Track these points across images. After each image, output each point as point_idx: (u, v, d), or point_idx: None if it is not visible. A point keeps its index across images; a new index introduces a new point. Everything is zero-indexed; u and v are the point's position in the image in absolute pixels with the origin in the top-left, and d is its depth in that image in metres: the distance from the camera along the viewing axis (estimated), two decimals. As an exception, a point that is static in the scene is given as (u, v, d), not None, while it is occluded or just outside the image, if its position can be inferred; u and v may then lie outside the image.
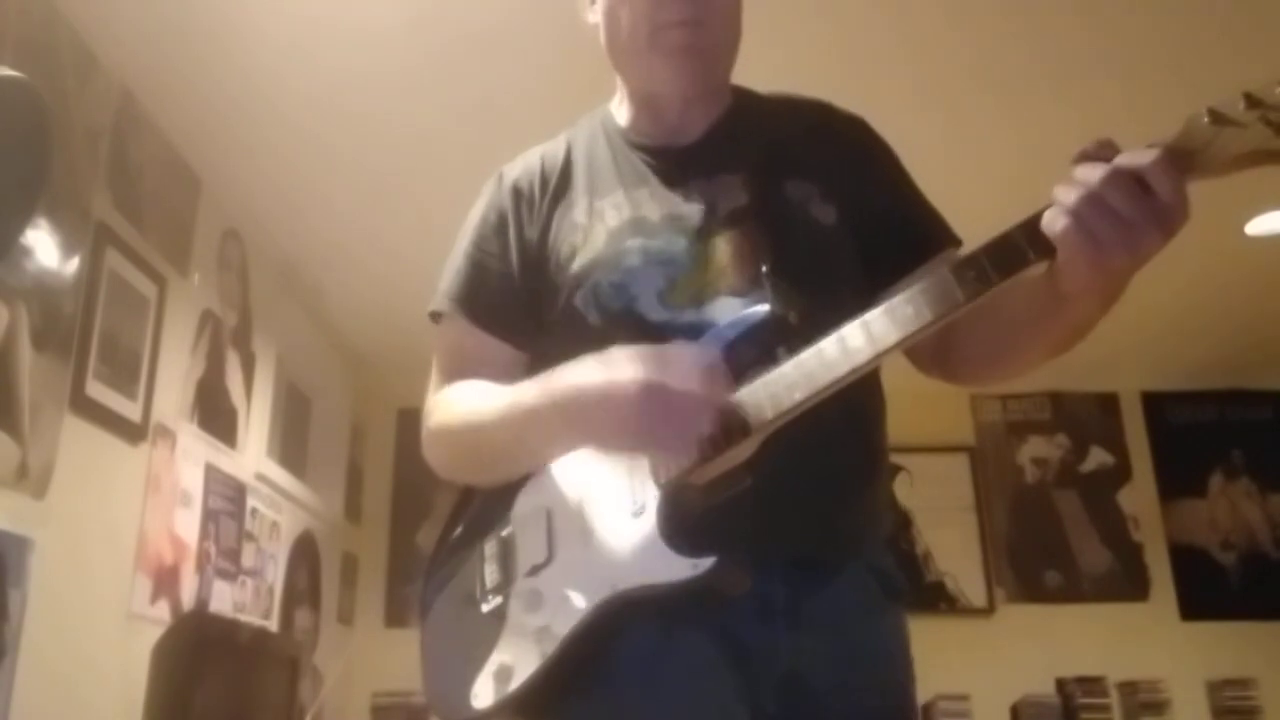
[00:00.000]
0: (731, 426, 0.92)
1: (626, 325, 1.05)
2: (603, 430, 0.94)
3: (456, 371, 1.17)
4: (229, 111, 2.63)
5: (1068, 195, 0.81)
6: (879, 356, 0.89)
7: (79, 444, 2.20)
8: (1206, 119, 0.77)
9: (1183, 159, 0.78)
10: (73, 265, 2.22)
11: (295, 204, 3.09)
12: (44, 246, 2.11)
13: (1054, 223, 0.81)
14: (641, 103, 1.21)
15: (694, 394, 0.89)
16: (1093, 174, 0.80)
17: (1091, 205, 0.79)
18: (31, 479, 2.03)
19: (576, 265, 1.11)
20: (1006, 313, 0.95)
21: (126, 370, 2.43)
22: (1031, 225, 0.84)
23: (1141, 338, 4.00)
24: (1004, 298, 0.86)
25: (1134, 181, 0.78)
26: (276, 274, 3.41)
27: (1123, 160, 0.79)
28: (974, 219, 1.14)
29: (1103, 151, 0.81)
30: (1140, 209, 0.78)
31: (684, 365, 0.91)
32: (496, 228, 1.19)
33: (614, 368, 0.92)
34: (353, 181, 2.97)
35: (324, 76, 2.50)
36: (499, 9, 2.29)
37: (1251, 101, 0.75)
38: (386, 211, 3.10)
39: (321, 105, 2.61)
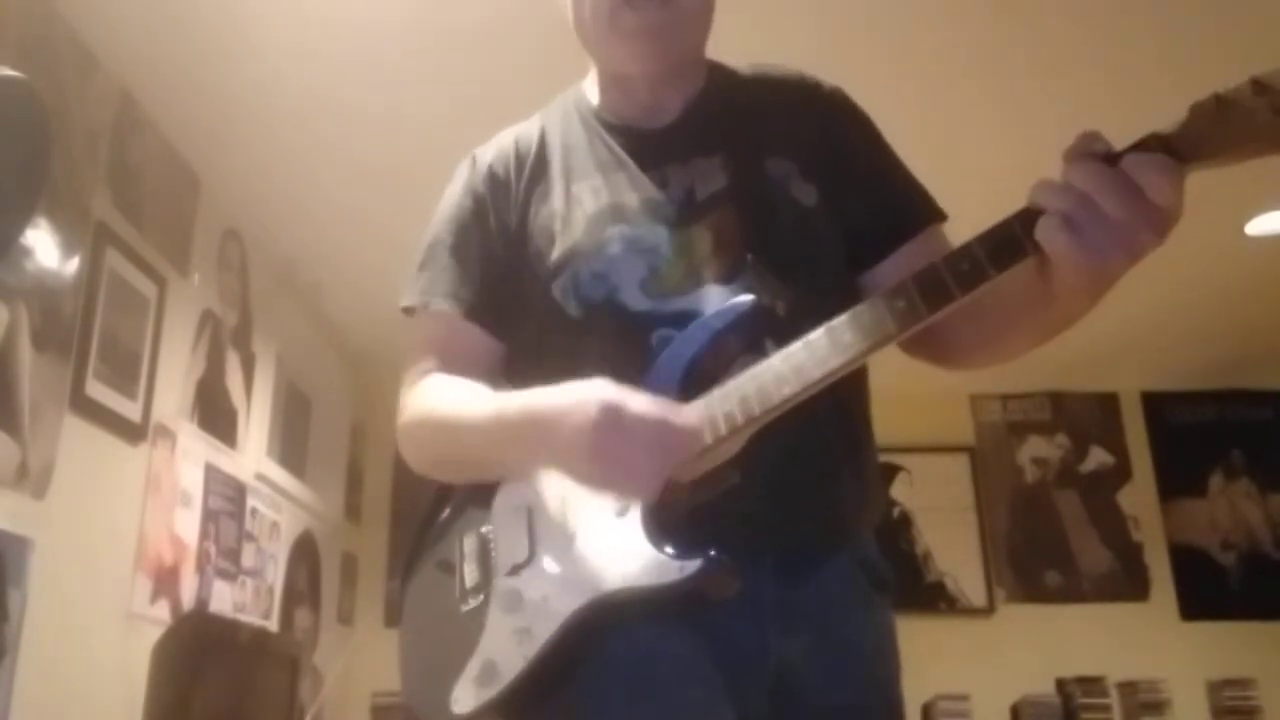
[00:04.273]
0: (716, 416, 0.90)
1: (608, 316, 1.03)
2: (556, 453, 0.92)
3: (433, 364, 1.13)
4: (229, 111, 2.63)
5: (1061, 201, 0.77)
6: (870, 351, 0.86)
7: (79, 444, 2.20)
8: (1213, 105, 0.75)
9: (1187, 148, 0.76)
10: (73, 265, 2.22)
11: (295, 204, 3.09)
12: (44, 246, 2.11)
13: (1047, 231, 0.78)
14: (612, 82, 1.17)
15: (658, 442, 0.87)
16: (1086, 179, 0.76)
17: (1084, 209, 0.76)
18: (31, 479, 2.03)
19: (555, 254, 1.07)
20: (995, 302, 0.91)
21: (126, 370, 2.43)
22: (1028, 215, 0.80)
23: (1141, 338, 4.00)
24: (994, 286, 0.83)
25: (1129, 186, 0.75)
26: (276, 274, 3.41)
27: (1122, 165, 0.76)
28: (957, 212, 1.13)
29: (1091, 145, 0.79)
30: (1135, 213, 0.76)
31: (662, 416, 0.88)
32: (472, 213, 1.15)
33: (590, 395, 0.89)
34: (353, 181, 2.97)
35: (324, 75, 2.50)
36: (501, 4, 2.29)
37: (1259, 88, 0.73)
38: (387, 211, 3.09)
39: (321, 104, 2.61)
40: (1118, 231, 0.76)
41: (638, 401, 0.88)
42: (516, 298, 1.11)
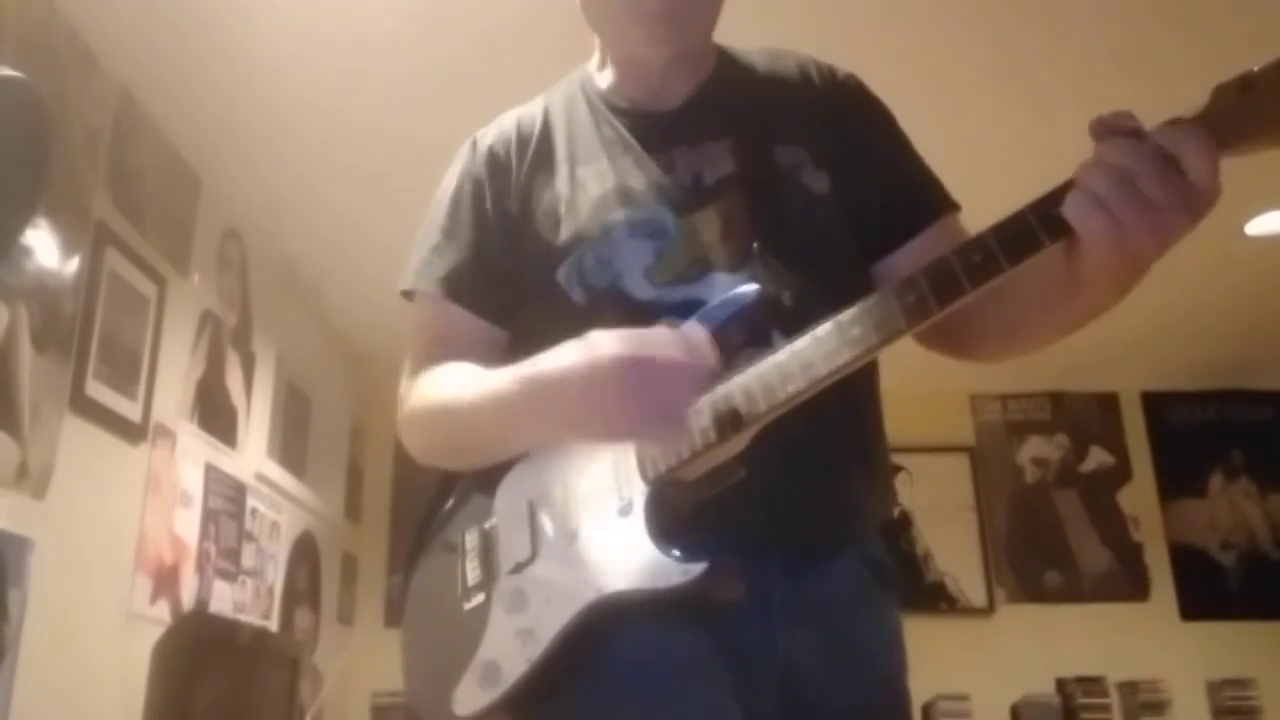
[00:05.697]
0: (721, 412, 0.87)
1: (612, 304, 1.01)
2: (585, 415, 0.86)
3: (434, 352, 1.10)
4: (229, 111, 2.63)
5: (1096, 179, 0.74)
6: (879, 347, 0.84)
7: (79, 444, 2.20)
8: (1237, 87, 0.72)
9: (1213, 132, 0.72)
10: (73, 265, 2.22)
11: (295, 204, 3.09)
12: (44, 246, 2.11)
13: (1077, 206, 0.75)
14: (621, 65, 1.15)
15: (679, 363, 0.84)
16: (1124, 155, 0.73)
17: (1121, 189, 0.73)
18: (31, 479, 2.03)
19: (558, 238, 1.05)
20: (1017, 292, 0.88)
21: (126, 370, 2.43)
22: (1044, 206, 0.77)
23: (1141, 338, 4.00)
24: (1008, 279, 0.80)
25: (1167, 162, 0.72)
26: (276, 274, 3.41)
27: (1158, 139, 0.73)
28: (974, 208, 1.11)
29: (1122, 123, 0.75)
30: (1171, 192, 0.72)
31: (668, 341, 0.85)
32: (472, 197, 1.13)
33: (595, 349, 0.86)
34: (353, 181, 2.97)
35: (324, 77, 2.50)
36: (500, 8, 2.29)
37: None
38: (386, 211, 3.09)
39: (322, 105, 2.61)
40: (1151, 213, 0.73)
41: (643, 342, 0.85)
42: (516, 282, 1.09)
